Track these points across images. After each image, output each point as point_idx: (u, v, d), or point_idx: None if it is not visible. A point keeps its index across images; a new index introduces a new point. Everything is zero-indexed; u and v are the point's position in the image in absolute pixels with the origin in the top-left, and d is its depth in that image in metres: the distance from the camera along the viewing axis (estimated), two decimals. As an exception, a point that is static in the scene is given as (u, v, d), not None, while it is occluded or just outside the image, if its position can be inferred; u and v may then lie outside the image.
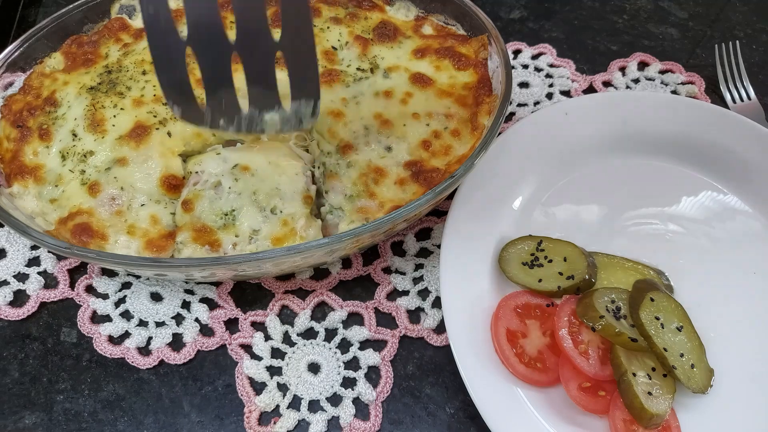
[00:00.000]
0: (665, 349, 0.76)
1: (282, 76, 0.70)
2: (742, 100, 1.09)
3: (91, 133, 0.85)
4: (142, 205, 0.80)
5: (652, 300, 0.79)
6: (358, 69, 0.94)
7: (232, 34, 0.67)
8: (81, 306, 0.87)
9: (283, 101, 0.72)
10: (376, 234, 0.78)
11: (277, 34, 0.67)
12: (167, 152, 0.84)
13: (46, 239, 0.73)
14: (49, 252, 0.91)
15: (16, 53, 0.91)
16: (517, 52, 1.18)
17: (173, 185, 0.82)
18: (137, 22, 1.00)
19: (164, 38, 0.67)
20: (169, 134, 0.86)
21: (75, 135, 0.86)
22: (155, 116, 0.87)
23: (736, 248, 0.91)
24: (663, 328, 0.78)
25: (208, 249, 0.78)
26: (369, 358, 0.82)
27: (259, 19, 0.67)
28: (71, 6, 0.96)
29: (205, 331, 0.85)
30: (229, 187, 0.81)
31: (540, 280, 0.85)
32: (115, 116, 0.87)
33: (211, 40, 0.67)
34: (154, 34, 0.66)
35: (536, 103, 1.10)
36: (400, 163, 0.85)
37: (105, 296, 0.88)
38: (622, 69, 1.15)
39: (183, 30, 0.67)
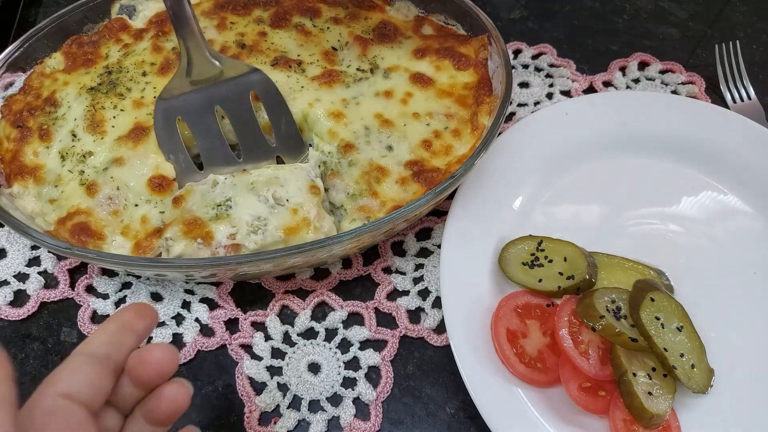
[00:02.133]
0: (665, 349, 0.76)
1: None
2: (742, 100, 1.09)
3: (90, 134, 0.85)
4: (136, 205, 0.81)
5: (652, 300, 0.79)
6: (358, 69, 0.94)
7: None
8: (81, 306, 0.87)
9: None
10: (377, 234, 0.78)
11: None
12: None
13: (46, 239, 0.73)
14: (49, 252, 0.91)
15: (17, 53, 0.91)
16: (517, 52, 1.18)
17: (159, 185, 0.82)
18: (137, 22, 1.00)
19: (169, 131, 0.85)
20: (169, 134, 0.86)
21: (75, 135, 0.86)
22: (155, 117, 0.87)
23: (737, 248, 0.91)
24: (663, 328, 0.78)
25: (200, 243, 0.75)
26: (369, 358, 0.82)
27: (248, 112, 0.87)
28: (71, 6, 0.97)
29: (206, 331, 0.85)
30: (225, 178, 0.80)
31: (540, 280, 0.85)
32: (115, 117, 0.87)
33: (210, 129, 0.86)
34: (160, 129, 0.85)
35: (536, 103, 1.10)
36: (401, 163, 0.85)
37: (105, 296, 0.88)
38: (623, 69, 1.15)
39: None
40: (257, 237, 0.75)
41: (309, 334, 0.85)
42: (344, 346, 0.84)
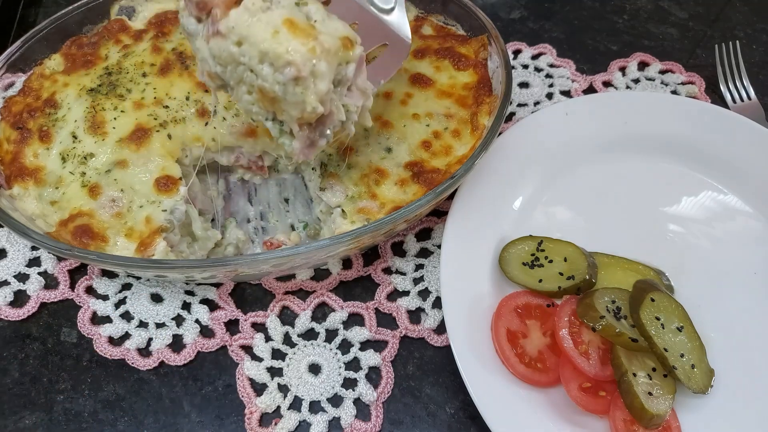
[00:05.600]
0: (666, 350, 0.76)
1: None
2: (742, 100, 1.09)
3: (91, 135, 0.85)
4: (140, 206, 0.80)
5: (652, 300, 0.79)
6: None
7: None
8: (81, 307, 0.87)
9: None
10: (377, 234, 0.78)
11: None
12: (167, 155, 0.84)
13: (45, 241, 0.73)
14: (49, 253, 0.91)
15: (16, 54, 0.91)
16: (517, 52, 1.18)
17: (165, 184, 0.81)
18: (137, 23, 1.00)
19: None
20: (169, 137, 0.86)
21: (75, 137, 0.86)
22: (155, 119, 0.87)
23: (737, 248, 0.91)
24: (663, 328, 0.78)
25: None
26: (370, 358, 0.82)
27: None
28: (71, 7, 0.96)
29: (206, 332, 0.85)
30: None
31: (540, 281, 0.85)
32: (115, 118, 0.87)
33: None
34: None
35: (536, 103, 1.10)
36: (401, 164, 0.85)
37: (105, 297, 0.88)
38: (622, 69, 1.15)
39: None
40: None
41: (309, 334, 0.85)
42: (345, 346, 0.84)
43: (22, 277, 0.90)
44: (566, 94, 1.12)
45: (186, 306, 0.87)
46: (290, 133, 0.72)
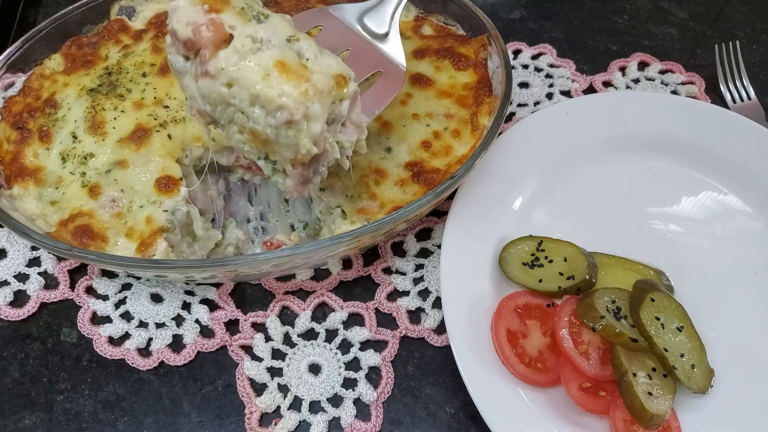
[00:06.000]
0: (666, 350, 0.76)
1: None
2: (742, 100, 1.09)
3: (91, 135, 0.85)
4: (141, 206, 0.80)
5: (652, 300, 0.79)
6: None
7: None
8: (81, 307, 0.87)
9: None
10: (377, 234, 0.78)
11: None
12: (167, 155, 0.84)
13: (46, 241, 0.73)
14: (50, 253, 0.91)
15: (16, 54, 0.91)
16: (517, 52, 1.18)
17: (166, 185, 0.81)
18: (137, 23, 1.00)
19: None
20: (169, 137, 0.86)
21: (75, 137, 0.86)
22: (156, 119, 0.87)
23: (737, 248, 0.91)
24: (663, 328, 0.78)
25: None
26: (370, 358, 0.82)
27: None
28: (71, 7, 0.97)
29: (206, 332, 0.85)
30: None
31: (540, 281, 0.85)
32: (115, 119, 0.87)
33: None
34: None
35: (536, 103, 1.10)
36: (401, 164, 0.85)
37: (105, 297, 0.88)
38: (622, 69, 1.15)
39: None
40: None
41: (309, 334, 0.85)
42: (345, 346, 0.84)
43: (22, 277, 0.90)
44: (566, 94, 1.12)
45: (186, 306, 0.87)
46: (283, 172, 0.71)
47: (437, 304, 0.87)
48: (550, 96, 1.11)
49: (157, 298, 0.88)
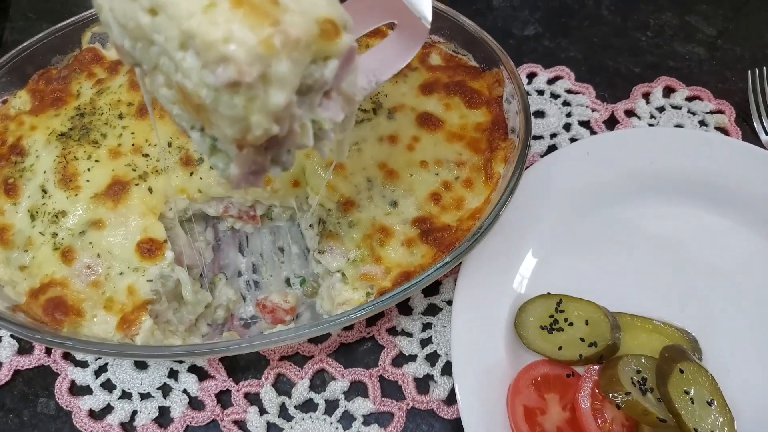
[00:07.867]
0: (695, 430, 0.70)
1: None
2: (775, 132, 1.00)
3: (62, 190, 0.77)
4: (120, 273, 0.72)
5: (681, 371, 0.73)
6: (359, 110, 0.84)
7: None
8: (59, 375, 0.79)
9: None
10: (385, 308, 0.71)
11: None
12: (148, 212, 0.76)
13: (8, 324, 0.65)
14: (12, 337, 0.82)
15: (-23, 92, 0.82)
16: (531, 76, 1.08)
17: (149, 249, 0.73)
18: (111, 51, 0.90)
19: None
20: (150, 190, 0.77)
21: (45, 191, 0.77)
22: (134, 170, 0.78)
23: (771, 305, 0.84)
24: (693, 403, 0.72)
25: None
26: (374, 434, 0.76)
27: None
28: (37, 37, 0.86)
29: (195, 404, 0.78)
30: None
31: (560, 348, 0.78)
32: (89, 170, 0.78)
33: None
34: None
35: (553, 135, 1.01)
36: (407, 221, 0.77)
37: (84, 364, 0.80)
38: (646, 96, 1.06)
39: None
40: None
41: (307, 406, 0.79)
42: (346, 419, 0.78)
43: (-7, 341, 0.82)
44: (585, 124, 1.02)
45: (173, 374, 0.80)
46: (227, 153, 0.50)
47: (447, 369, 0.80)
48: (567, 127, 1.02)
49: (141, 365, 0.80)
